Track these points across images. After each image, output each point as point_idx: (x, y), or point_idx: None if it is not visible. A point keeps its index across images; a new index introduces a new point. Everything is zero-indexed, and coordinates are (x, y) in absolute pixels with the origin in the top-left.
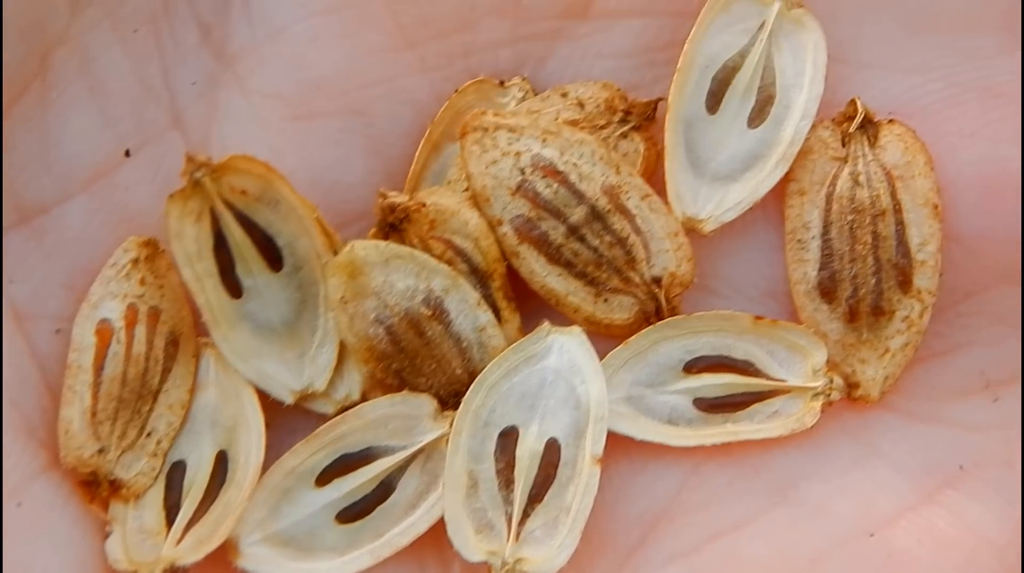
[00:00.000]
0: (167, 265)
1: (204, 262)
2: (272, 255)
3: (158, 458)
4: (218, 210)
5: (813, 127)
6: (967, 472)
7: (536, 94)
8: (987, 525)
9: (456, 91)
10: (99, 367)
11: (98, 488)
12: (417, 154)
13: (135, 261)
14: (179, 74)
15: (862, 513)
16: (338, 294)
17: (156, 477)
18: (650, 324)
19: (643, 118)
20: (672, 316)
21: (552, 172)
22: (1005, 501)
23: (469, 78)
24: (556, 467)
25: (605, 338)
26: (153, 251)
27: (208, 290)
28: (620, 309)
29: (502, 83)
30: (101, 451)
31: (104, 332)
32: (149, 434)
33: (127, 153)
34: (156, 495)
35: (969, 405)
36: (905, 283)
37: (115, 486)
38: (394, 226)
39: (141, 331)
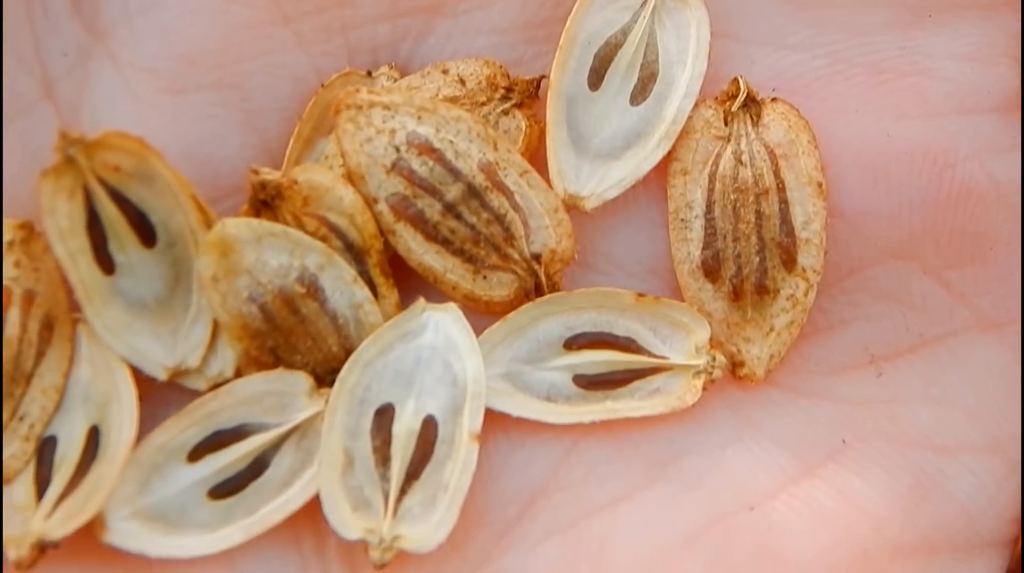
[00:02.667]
0: (43, 248)
1: (77, 239)
2: (146, 232)
3: (30, 442)
4: (91, 187)
5: (696, 106)
6: (849, 446)
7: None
8: (868, 498)
9: (322, 85)
10: None
11: None
12: (288, 151)
13: (10, 243)
14: (50, 45)
15: (742, 487)
16: (209, 272)
17: (27, 461)
18: (530, 301)
19: (526, 95)
20: (553, 293)
21: (427, 150)
22: (886, 474)
23: (347, 53)
24: (433, 444)
25: (485, 316)
26: (29, 234)
27: (81, 267)
28: (499, 286)
29: (369, 73)
30: None
31: None
32: (22, 418)
33: None
34: (26, 470)
35: (853, 380)
36: (789, 262)
37: None
38: (266, 203)
39: (15, 314)
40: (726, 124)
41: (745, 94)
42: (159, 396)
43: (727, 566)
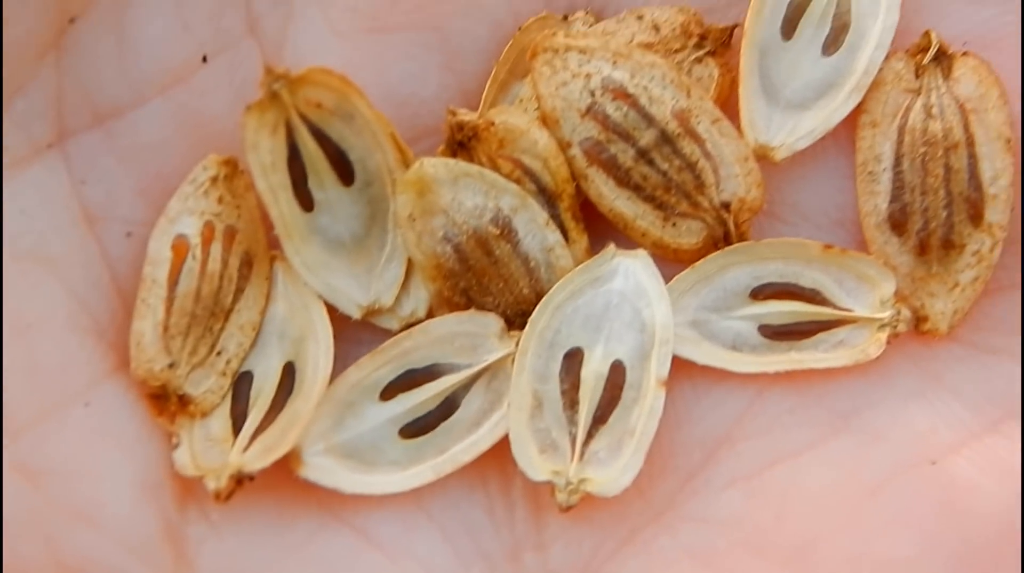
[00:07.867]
0: (245, 186)
1: (278, 174)
2: (344, 169)
3: (227, 377)
4: (293, 123)
5: (887, 58)
6: None
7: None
8: None
9: (519, 29)
10: (173, 282)
11: (166, 402)
12: (484, 93)
13: (214, 179)
14: None
15: (924, 441)
16: (406, 211)
17: (224, 395)
18: (718, 249)
19: (719, 43)
20: (740, 242)
21: (622, 95)
22: None
23: None
24: (621, 389)
25: (673, 263)
26: (232, 170)
27: (282, 202)
28: (688, 234)
29: (565, 17)
30: (171, 366)
31: (180, 247)
32: (219, 353)
33: (204, 59)
34: (223, 405)
35: None
36: (976, 217)
37: (183, 402)
38: (462, 144)
39: (217, 249)
40: (917, 77)
41: (936, 47)
42: (351, 334)
43: (909, 519)
